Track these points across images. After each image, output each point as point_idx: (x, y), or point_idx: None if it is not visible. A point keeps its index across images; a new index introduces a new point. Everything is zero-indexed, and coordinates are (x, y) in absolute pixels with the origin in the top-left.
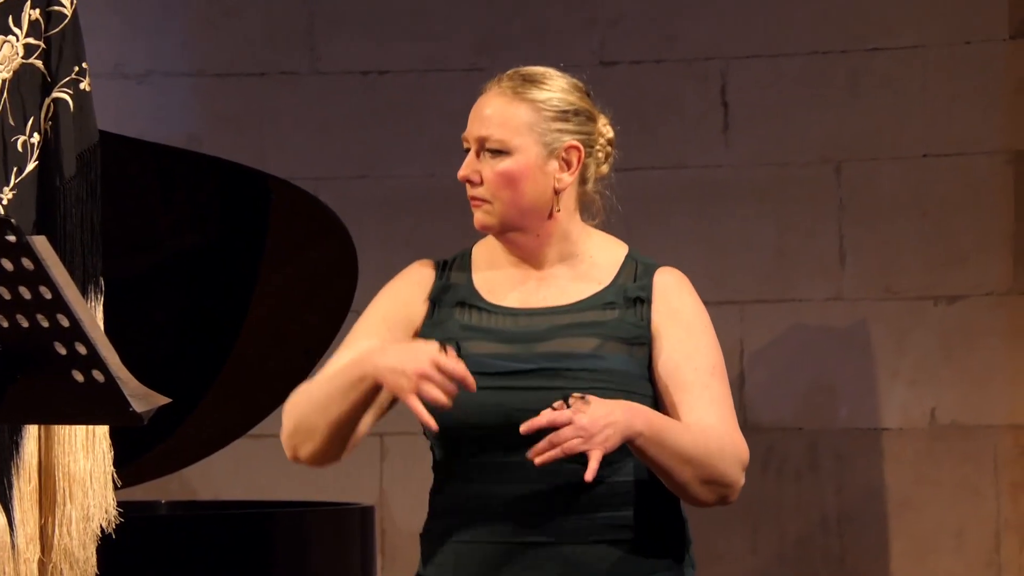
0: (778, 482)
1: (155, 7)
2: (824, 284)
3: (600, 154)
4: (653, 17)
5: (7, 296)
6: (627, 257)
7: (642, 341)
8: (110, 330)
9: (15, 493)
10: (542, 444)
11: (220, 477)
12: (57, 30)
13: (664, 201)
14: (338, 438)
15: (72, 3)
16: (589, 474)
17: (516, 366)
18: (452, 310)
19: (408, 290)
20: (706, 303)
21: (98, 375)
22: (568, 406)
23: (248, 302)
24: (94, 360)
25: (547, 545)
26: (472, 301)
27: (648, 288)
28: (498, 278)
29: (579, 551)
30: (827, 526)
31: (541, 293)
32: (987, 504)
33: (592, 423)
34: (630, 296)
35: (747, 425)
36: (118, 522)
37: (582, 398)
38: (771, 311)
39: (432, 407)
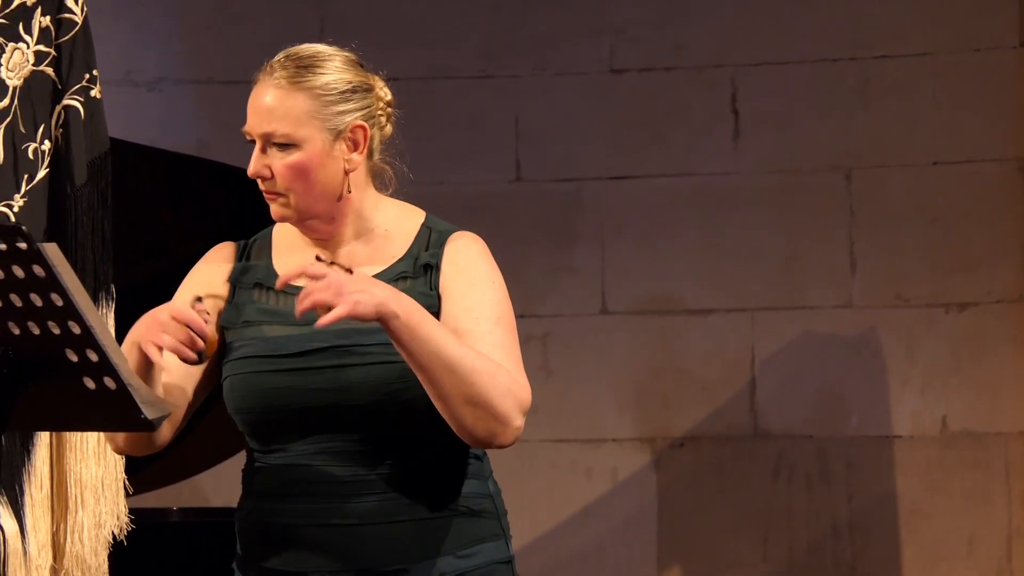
0: (788, 490)
1: (165, 15)
2: (834, 291)
3: (382, 118)
4: (662, 25)
5: (18, 303)
6: (422, 226)
7: (432, 309)
8: (121, 337)
9: (27, 500)
10: (303, 298)
11: (231, 484)
12: (68, 37)
13: (674, 209)
14: None
15: (83, 10)
16: (321, 321)
17: (308, 346)
18: (251, 292)
19: (212, 269)
20: (716, 310)
21: (109, 382)
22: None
23: None
24: (105, 367)
25: (351, 527)
26: (270, 283)
27: (439, 254)
28: (296, 259)
29: (382, 531)
30: (838, 534)
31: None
32: (998, 511)
33: (346, 283)
34: (421, 264)
35: (757, 432)
36: (130, 529)
37: (348, 270)
38: (781, 318)
39: (238, 400)
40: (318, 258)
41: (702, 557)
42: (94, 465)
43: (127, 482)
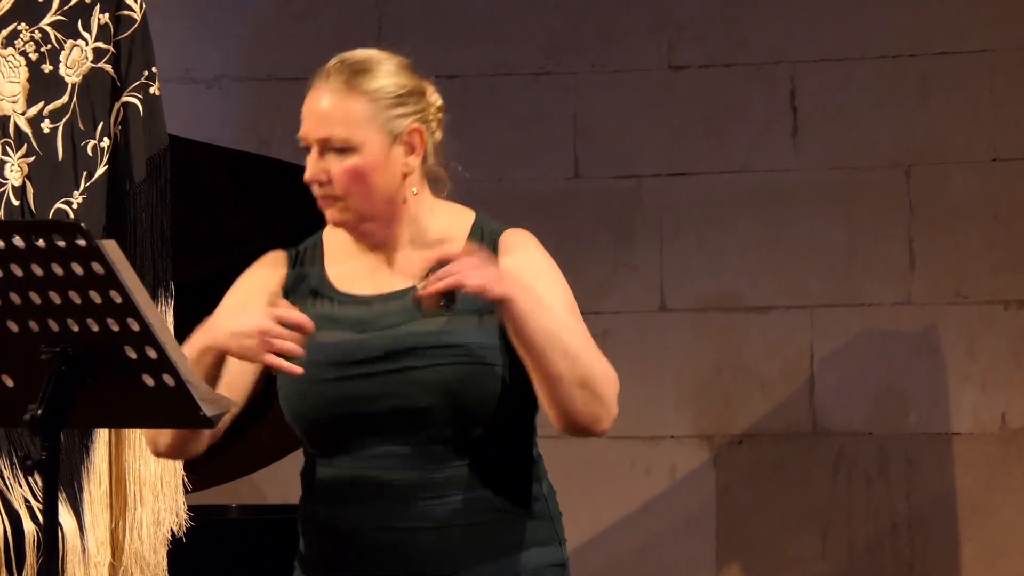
0: (848, 487)
1: (224, 12)
2: (894, 288)
3: (434, 123)
4: (722, 21)
5: (77, 300)
6: (474, 225)
7: (491, 308)
8: (180, 334)
9: (86, 497)
10: (432, 278)
11: (290, 481)
12: (127, 34)
13: (733, 205)
14: None
15: (142, 8)
16: (432, 288)
17: (367, 353)
18: (305, 301)
19: (262, 280)
20: (776, 308)
21: (168, 379)
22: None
23: None
24: (164, 364)
25: (409, 530)
26: (324, 291)
27: (494, 252)
28: (350, 266)
29: (439, 535)
30: (897, 531)
31: (392, 278)
32: None
33: (483, 262)
34: None
35: (817, 429)
36: (188, 526)
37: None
38: (841, 315)
39: (296, 408)
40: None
41: (761, 554)
42: (153, 462)
43: (186, 479)
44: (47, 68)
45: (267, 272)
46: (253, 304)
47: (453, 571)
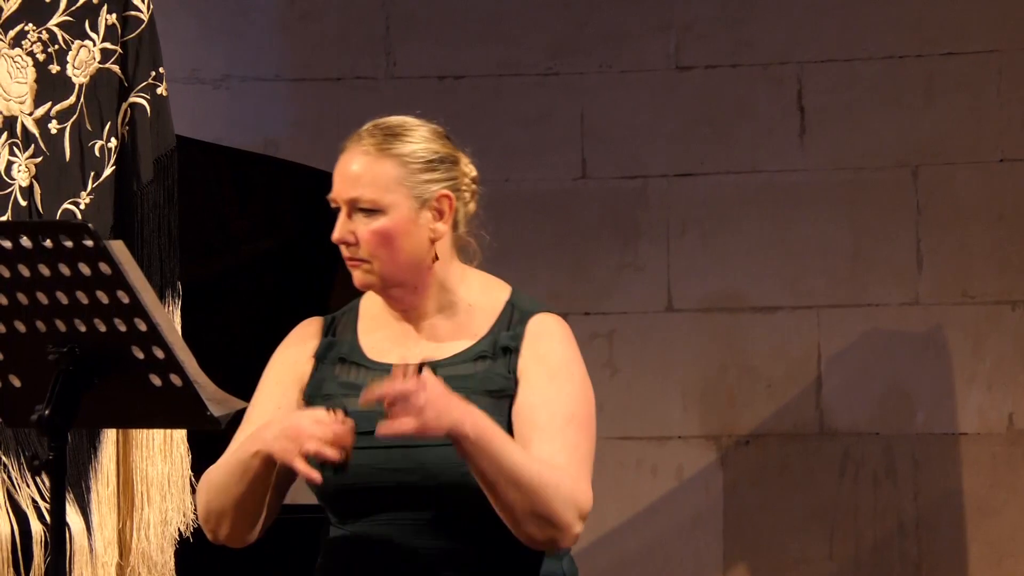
0: (854, 487)
1: (231, 12)
2: (901, 289)
3: (467, 194)
4: (728, 21)
5: (85, 300)
6: (507, 303)
7: (508, 393)
8: (187, 334)
9: (93, 497)
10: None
11: (298, 482)
12: (134, 35)
13: (739, 206)
14: (247, 517)
15: (149, 8)
16: (381, 430)
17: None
18: (333, 367)
19: (296, 350)
20: (782, 308)
21: (176, 379)
22: (419, 371)
23: (325, 307)
24: (172, 364)
25: None
26: (353, 358)
27: (519, 337)
28: (382, 334)
29: None
30: (904, 531)
31: (420, 348)
32: None
33: (426, 405)
34: (501, 346)
35: (823, 430)
36: (196, 526)
37: (433, 369)
38: (847, 316)
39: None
40: (417, 366)
41: (768, 555)
42: (160, 462)
43: (193, 479)
44: (54, 69)
45: (300, 342)
46: (308, 414)
47: None
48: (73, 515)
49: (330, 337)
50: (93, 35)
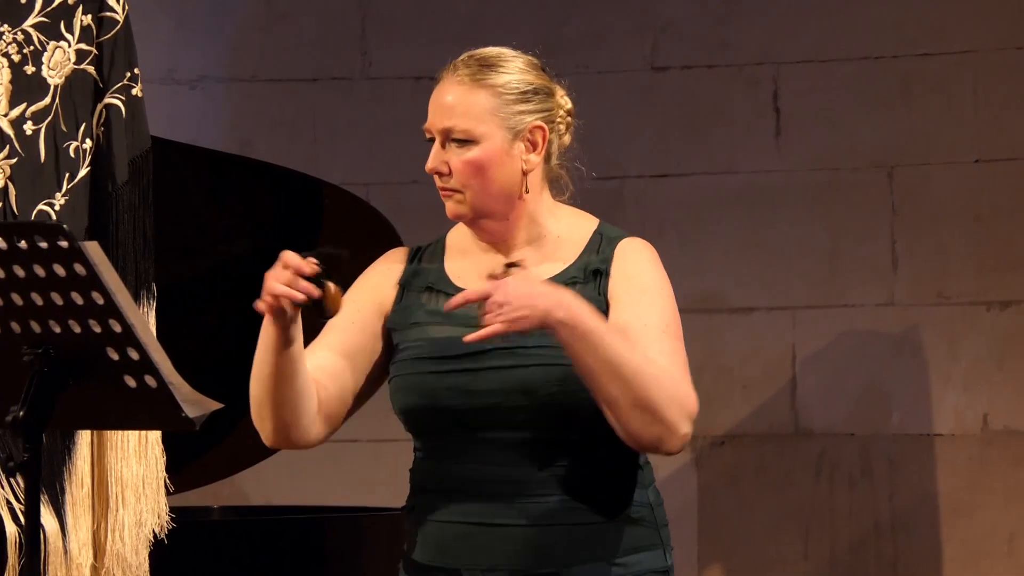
0: (830, 488)
1: (207, 12)
2: (876, 289)
3: (561, 126)
4: (705, 22)
5: (59, 302)
6: (595, 232)
7: (602, 313)
8: (162, 335)
9: (68, 498)
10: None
11: (272, 482)
12: (109, 36)
13: (715, 207)
14: (284, 403)
15: (124, 9)
16: (470, 337)
17: (473, 347)
18: (420, 295)
19: (378, 276)
20: (758, 309)
21: (150, 380)
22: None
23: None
24: (146, 365)
25: (510, 527)
26: (440, 286)
27: (609, 260)
28: (469, 263)
29: (540, 534)
30: (880, 532)
31: (507, 277)
32: None
33: (506, 298)
34: (591, 269)
35: (799, 430)
36: (170, 527)
37: (516, 264)
38: (823, 316)
39: (403, 400)
40: (505, 267)
41: (743, 555)
42: (135, 463)
43: (168, 480)
44: (30, 69)
45: (385, 268)
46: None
47: (555, 571)
48: (48, 516)
49: (416, 264)
50: (68, 36)
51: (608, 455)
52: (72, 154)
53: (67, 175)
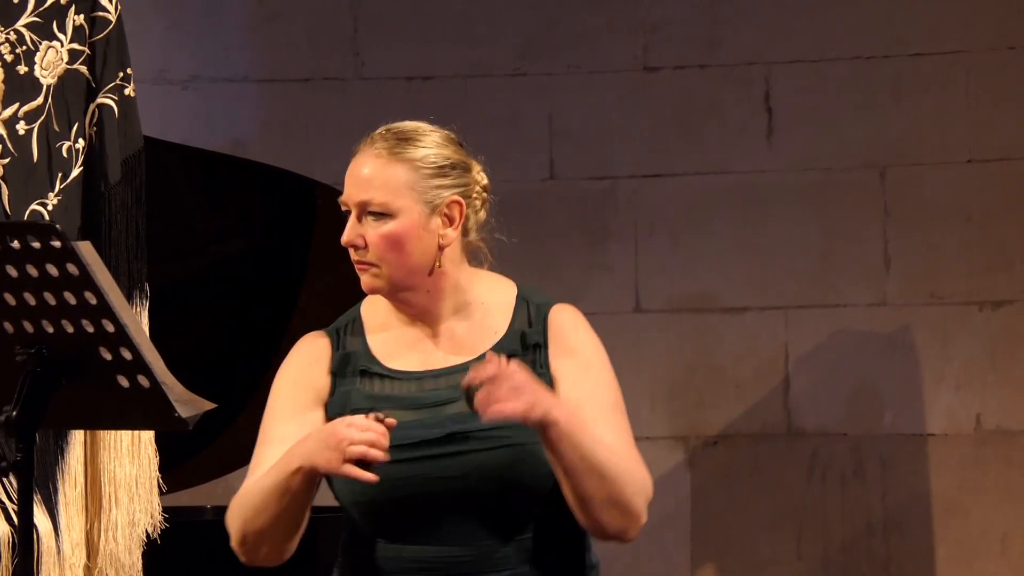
0: (823, 488)
1: (199, 13)
2: (869, 289)
3: (477, 202)
4: (696, 22)
5: (52, 301)
6: (518, 298)
7: (547, 387)
8: (155, 335)
9: (60, 498)
10: (482, 393)
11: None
12: (102, 36)
13: (707, 207)
14: (287, 534)
15: (116, 9)
16: (491, 416)
17: (427, 434)
18: (354, 380)
19: (308, 367)
20: (750, 308)
21: (143, 380)
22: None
23: (294, 307)
24: (139, 365)
25: None
26: (372, 368)
27: (543, 331)
28: (393, 340)
29: None
30: (872, 532)
31: (440, 351)
32: None
33: (525, 384)
34: (528, 343)
35: (791, 430)
36: (163, 527)
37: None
38: (815, 316)
39: (356, 492)
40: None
41: (736, 555)
42: (128, 463)
43: (161, 480)
44: (22, 69)
45: (312, 358)
46: (341, 423)
47: None
48: (40, 516)
49: (341, 349)
50: (61, 36)
51: (561, 523)
52: (65, 154)
53: (60, 175)
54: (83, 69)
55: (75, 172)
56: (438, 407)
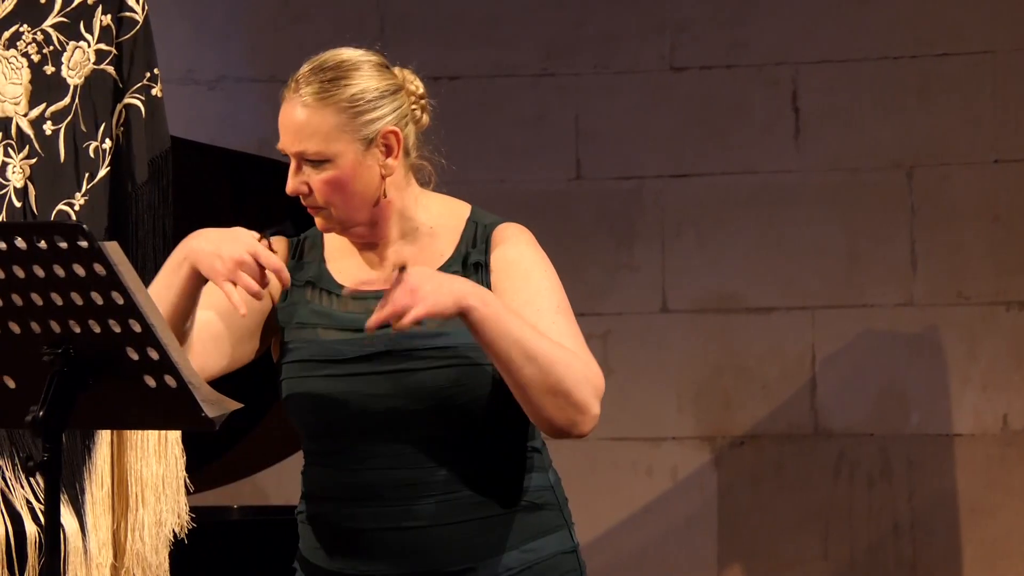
0: (849, 488)
1: (226, 13)
2: (895, 289)
3: (417, 111)
4: (723, 22)
5: (79, 301)
6: (468, 220)
7: None
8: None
9: (87, 498)
10: (385, 310)
11: (292, 482)
12: (129, 36)
13: (734, 207)
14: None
15: (143, 9)
16: (399, 324)
17: (365, 351)
18: (303, 291)
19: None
20: (777, 309)
21: (170, 380)
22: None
23: None
24: (166, 365)
25: (417, 528)
26: (323, 284)
27: (486, 251)
28: (349, 261)
29: (448, 531)
30: (899, 532)
31: (387, 274)
32: None
33: (421, 283)
34: (471, 263)
35: (818, 431)
36: (190, 527)
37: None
38: (842, 317)
39: (295, 406)
40: (398, 270)
41: (763, 555)
42: (155, 463)
43: (188, 480)
44: (49, 70)
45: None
46: (246, 236)
47: (472, 565)
48: (67, 516)
49: (296, 260)
50: (88, 36)
51: (504, 445)
52: (92, 154)
53: (87, 175)
54: (110, 69)
55: (102, 172)
56: (381, 328)
